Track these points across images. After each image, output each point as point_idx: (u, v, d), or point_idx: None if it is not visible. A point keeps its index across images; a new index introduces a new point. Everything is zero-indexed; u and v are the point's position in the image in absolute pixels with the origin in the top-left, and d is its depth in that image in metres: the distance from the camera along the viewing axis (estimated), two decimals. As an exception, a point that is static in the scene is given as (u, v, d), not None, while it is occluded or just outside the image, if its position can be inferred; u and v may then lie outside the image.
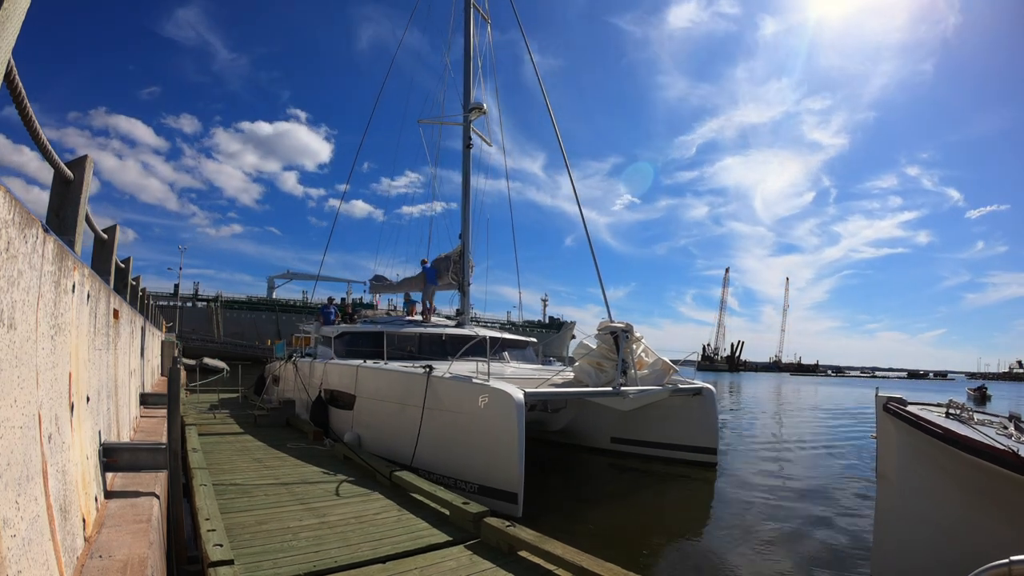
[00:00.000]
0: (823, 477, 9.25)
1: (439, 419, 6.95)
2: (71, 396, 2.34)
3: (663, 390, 8.58)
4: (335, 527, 4.45)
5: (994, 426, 4.30)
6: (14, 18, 1.35)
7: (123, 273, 5.64)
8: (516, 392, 6.29)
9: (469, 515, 4.48)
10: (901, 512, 4.23)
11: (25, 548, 1.52)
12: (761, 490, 8.05)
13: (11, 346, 1.48)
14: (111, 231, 4.30)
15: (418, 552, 3.99)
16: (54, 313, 2.01)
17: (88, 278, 2.78)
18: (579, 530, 5.66)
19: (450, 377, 7.07)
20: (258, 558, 3.72)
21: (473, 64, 13.46)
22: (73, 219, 2.74)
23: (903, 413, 4.11)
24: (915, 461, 4.13)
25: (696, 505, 7.40)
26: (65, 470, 2.14)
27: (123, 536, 2.57)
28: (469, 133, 13.28)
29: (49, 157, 2.41)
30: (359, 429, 8.40)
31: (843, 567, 5.08)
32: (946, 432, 3.80)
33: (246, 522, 4.47)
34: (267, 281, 58.85)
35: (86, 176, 2.79)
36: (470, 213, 13.06)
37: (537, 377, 9.00)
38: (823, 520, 6.61)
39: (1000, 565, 1.55)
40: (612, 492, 7.79)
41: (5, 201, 1.39)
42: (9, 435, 1.46)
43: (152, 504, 3.17)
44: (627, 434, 9.70)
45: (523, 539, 3.97)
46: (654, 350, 9.11)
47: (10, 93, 1.69)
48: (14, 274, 1.49)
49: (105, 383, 3.62)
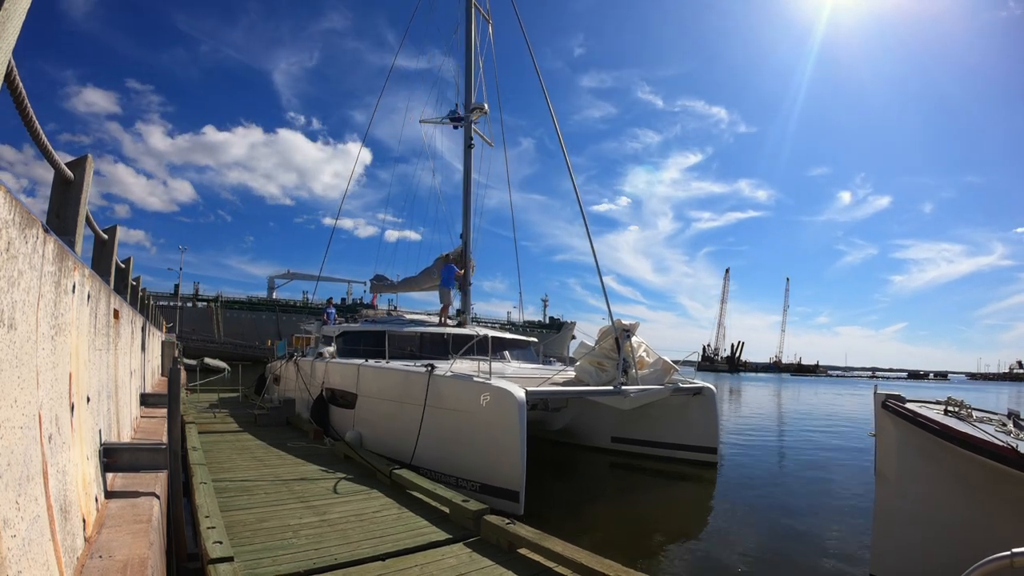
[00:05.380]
0: (822, 476, 9.26)
1: (441, 417, 6.95)
2: (71, 396, 2.34)
3: (663, 389, 8.58)
4: (335, 525, 4.46)
5: (993, 423, 4.30)
6: (14, 18, 1.35)
7: (123, 273, 5.64)
8: (518, 390, 6.30)
9: (469, 513, 4.49)
10: (900, 509, 4.23)
11: (25, 548, 1.52)
12: (761, 489, 8.06)
13: (11, 346, 1.49)
14: (111, 231, 4.30)
15: (418, 550, 4.00)
16: (54, 313, 2.01)
17: (88, 278, 2.78)
18: (579, 529, 5.67)
19: (451, 375, 7.07)
20: (258, 555, 3.73)
21: (474, 64, 13.47)
22: (73, 219, 2.74)
23: (902, 410, 4.11)
24: (914, 458, 4.13)
25: (696, 504, 7.41)
26: (65, 470, 2.15)
27: (123, 536, 2.58)
28: (471, 133, 13.30)
29: (49, 157, 2.41)
30: (360, 428, 8.41)
31: (843, 566, 5.09)
32: (945, 429, 3.80)
33: (246, 520, 4.48)
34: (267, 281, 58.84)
35: (86, 176, 2.79)
36: (471, 213, 13.09)
37: (538, 376, 9.00)
38: (823, 519, 6.62)
39: (1002, 557, 1.56)
40: (612, 491, 7.81)
41: (5, 201, 1.39)
42: (9, 435, 1.46)
43: (152, 504, 3.17)
44: (628, 433, 9.71)
45: (523, 536, 3.98)
46: (655, 350, 9.13)
47: (10, 94, 1.69)
48: (14, 274, 1.49)
49: (105, 383, 3.62)
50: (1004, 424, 4.36)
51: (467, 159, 13.26)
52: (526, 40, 11.46)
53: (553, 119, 10.56)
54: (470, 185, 13.16)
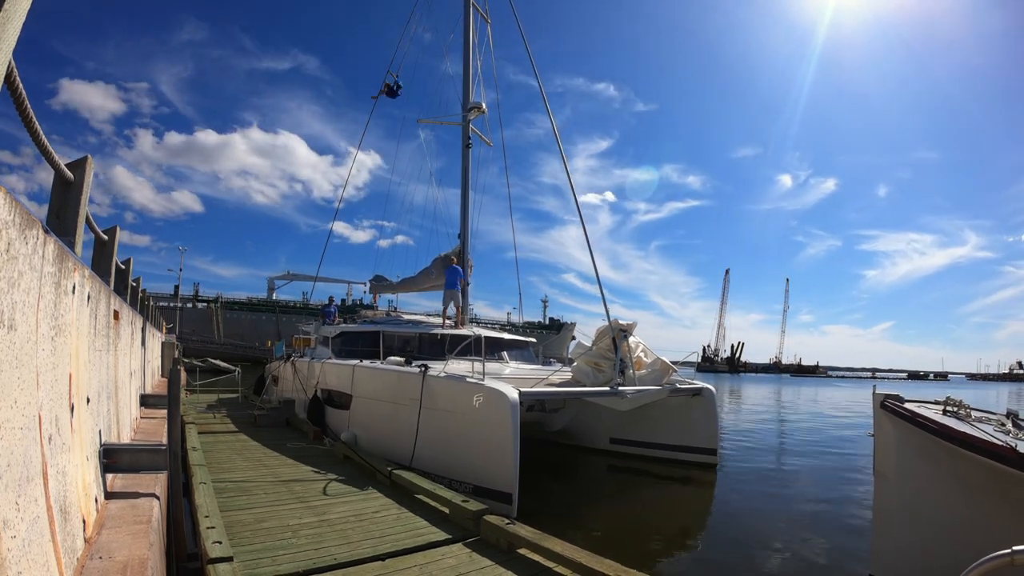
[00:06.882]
0: (823, 477, 9.26)
1: (434, 419, 6.93)
2: (71, 397, 2.34)
3: (661, 390, 8.56)
4: (335, 525, 4.46)
5: (992, 423, 4.30)
6: (15, 19, 1.36)
7: (123, 274, 5.64)
8: (511, 391, 6.28)
9: (469, 513, 4.49)
10: (900, 509, 4.24)
11: (25, 549, 1.52)
12: (760, 490, 8.07)
13: (11, 347, 1.49)
14: (111, 232, 4.30)
15: (417, 550, 4.00)
16: (54, 314, 2.01)
17: (88, 279, 2.78)
18: (578, 531, 5.66)
19: (445, 376, 7.03)
20: (258, 555, 3.73)
21: (472, 64, 13.48)
22: (73, 220, 2.74)
23: (900, 410, 4.11)
24: (913, 458, 4.13)
25: (696, 506, 7.41)
26: (65, 471, 2.15)
27: (123, 537, 2.58)
28: (468, 132, 13.30)
29: (49, 158, 2.41)
30: (355, 428, 8.40)
31: (843, 566, 5.10)
32: (944, 428, 3.81)
33: (245, 520, 4.48)
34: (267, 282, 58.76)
35: (86, 177, 2.79)
36: (469, 213, 13.09)
37: (535, 377, 8.98)
38: (823, 519, 6.63)
39: (1002, 555, 1.56)
40: (611, 493, 7.80)
41: (5, 202, 1.40)
42: (9, 436, 1.46)
43: (152, 505, 3.17)
44: (626, 435, 9.69)
45: (523, 536, 3.98)
46: (652, 350, 9.12)
47: (11, 94, 1.69)
48: (15, 275, 1.49)
49: (105, 384, 3.62)
50: (1003, 424, 4.36)
51: (465, 159, 13.26)
52: (524, 41, 11.47)
53: (552, 122, 10.58)
54: (468, 185, 13.17)
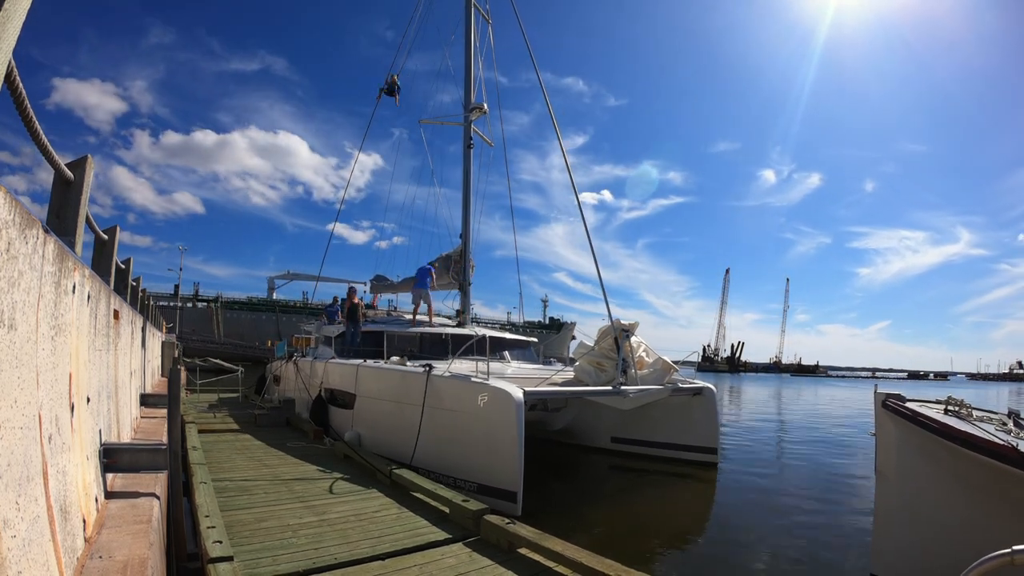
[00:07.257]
0: (823, 476, 9.26)
1: (439, 418, 6.95)
2: (71, 397, 2.34)
3: (663, 389, 8.57)
4: (335, 524, 4.46)
5: (993, 422, 4.30)
6: (15, 19, 1.36)
7: (123, 274, 5.64)
8: (515, 390, 6.29)
9: (469, 512, 4.49)
10: (901, 509, 4.23)
11: (25, 549, 1.52)
12: (761, 489, 8.06)
13: (11, 347, 1.49)
14: (111, 232, 4.30)
15: (417, 549, 4.00)
16: (54, 314, 2.01)
17: (88, 279, 2.78)
18: (579, 529, 5.66)
19: (450, 376, 7.07)
20: (258, 555, 3.73)
21: (474, 64, 13.48)
22: (73, 220, 2.74)
23: (902, 410, 4.11)
24: (914, 458, 4.13)
25: (697, 505, 7.40)
26: (65, 471, 2.15)
27: (123, 537, 2.58)
28: (470, 133, 13.30)
29: (49, 158, 2.41)
30: (359, 428, 8.42)
31: (843, 566, 5.09)
32: (945, 428, 3.80)
33: (246, 519, 4.48)
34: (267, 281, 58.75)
35: (87, 177, 2.79)
36: (471, 213, 13.09)
37: (537, 376, 8.99)
38: (823, 518, 6.62)
39: (1002, 555, 1.56)
40: (612, 492, 7.79)
41: (5, 202, 1.39)
42: (9, 436, 1.46)
43: (152, 505, 3.17)
44: (628, 434, 9.70)
45: (523, 536, 3.98)
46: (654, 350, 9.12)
47: (11, 94, 1.69)
48: (15, 275, 1.49)
49: (105, 384, 3.62)
50: (1004, 423, 4.36)
51: (466, 159, 13.26)
52: (526, 41, 11.46)
53: (554, 123, 10.57)
54: (469, 185, 13.16)
